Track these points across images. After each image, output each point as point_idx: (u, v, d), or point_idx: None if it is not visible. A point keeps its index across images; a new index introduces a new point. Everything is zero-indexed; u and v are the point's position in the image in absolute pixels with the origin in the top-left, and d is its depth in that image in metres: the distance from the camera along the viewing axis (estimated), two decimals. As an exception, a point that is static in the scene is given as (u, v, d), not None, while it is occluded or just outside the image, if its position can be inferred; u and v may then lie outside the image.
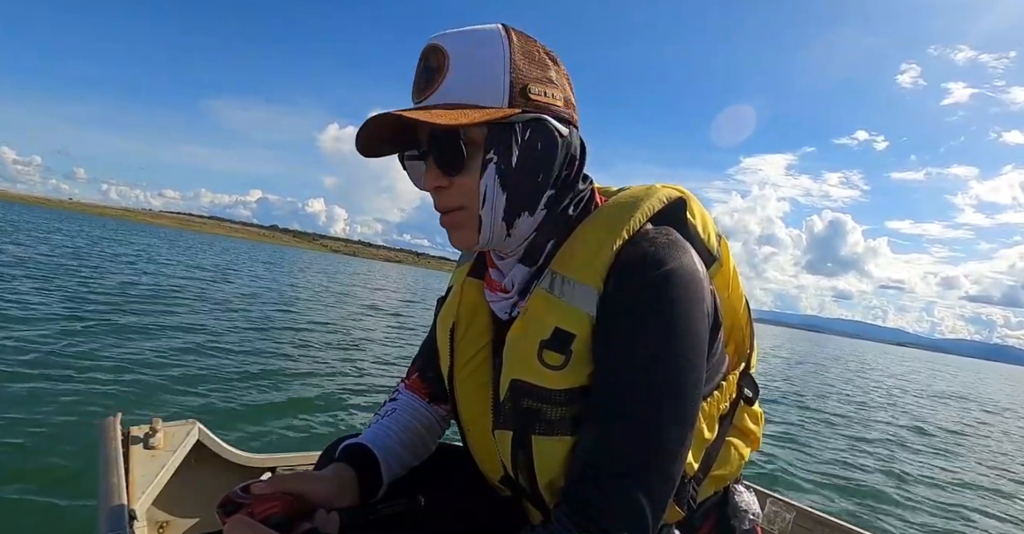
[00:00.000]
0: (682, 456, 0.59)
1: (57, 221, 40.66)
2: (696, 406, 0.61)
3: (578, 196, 0.69)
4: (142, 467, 1.19)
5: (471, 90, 0.60)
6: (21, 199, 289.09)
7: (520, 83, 0.61)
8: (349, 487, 0.71)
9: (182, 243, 39.94)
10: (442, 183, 0.63)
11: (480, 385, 0.73)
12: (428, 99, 0.61)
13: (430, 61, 0.61)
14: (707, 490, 0.74)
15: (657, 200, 0.67)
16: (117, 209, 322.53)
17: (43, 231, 23.49)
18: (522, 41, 0.63)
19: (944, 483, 5.02)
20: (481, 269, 0.77)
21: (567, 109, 0.65)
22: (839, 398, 10.00)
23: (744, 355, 0.78)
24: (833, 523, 1.37)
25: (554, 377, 0.61)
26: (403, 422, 0.82)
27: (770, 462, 4.61)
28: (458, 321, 0.76)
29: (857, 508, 3.85)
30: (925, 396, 13.55)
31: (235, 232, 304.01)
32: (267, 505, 0.62)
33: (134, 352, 4.65)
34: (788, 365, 16.34)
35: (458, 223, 0.65)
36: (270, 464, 1.41)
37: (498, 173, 0.61)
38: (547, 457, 0.64)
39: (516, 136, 0.61)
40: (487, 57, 0.60)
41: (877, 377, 17.84)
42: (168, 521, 1.29)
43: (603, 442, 0.58)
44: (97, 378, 3.77)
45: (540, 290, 0.64)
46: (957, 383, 19.86)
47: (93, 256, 14.09)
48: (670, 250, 0.60)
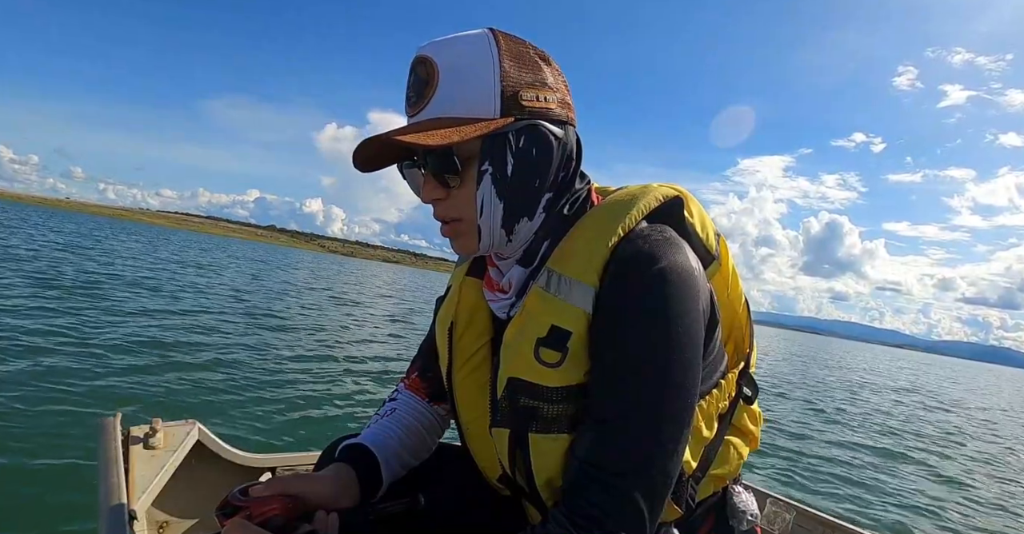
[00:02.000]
0: (679, 454, 0.59)
1: (57, 220, 40.57)
2: (692, 404, 0.61)
3: (574, 195, 0.69)
4: (142, 467, 1.19)
5: (462, 102, 0.60)
6: (18, 198, 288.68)
7: (511, 89, 0.60)
8: (349, 487, 0.71)
9: (183, 243, 39.94)
10: (439, 195, 0.63)
11: (479, 384, 0.73)
12: (419, 114, 0.61)
13: (419, 73, 0.61)
14: (706, 489, 0.74)
15: (653, 198, 0.67)
16: (115, 208, 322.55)
17: (45, 230, 23.47)
18: (511, 45, 0.62)
19: (943, 483, 5.03)
20: (480, 268, 0.77)
21: (561, 110, 0.65)
22: (839, 399, 10.01)
23: (743, 354, 0.77)
24: (833, 523, 1.37)
25: (551, 375, 0.62)
26: (403, 422, 0.83)
27: (770, 462, 4.61)
28: (457, 320, 0.76)
29: (857, 508, 3.85)
30: (922, 397, 13.55)
31: (232, 232, 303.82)
32: (266, 507, 0.62)
33: (134, 352, 4.65)
34: (787, 366, 16.35)
35: (458, 233, 0.65)
36: (270, 464, 1.41)
37: (494, 183, 0.61)
38: (544, 455, 0.65)
39: (510, 145, 0.61)
40: (476, 66, 0.60)
41: (876, 379, 17.84)
42: (168, 521, 1.29)
43: (600, 441, 0.58)
44: (97, 378, 3.77)
45: (537, 288, 0.64)
46: (960, 388, 19.84)
47: (93, 257, 14.07)
48: (665, 247, 0.60)
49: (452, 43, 0.61)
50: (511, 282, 0.69)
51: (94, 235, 28.56)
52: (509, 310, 0.69)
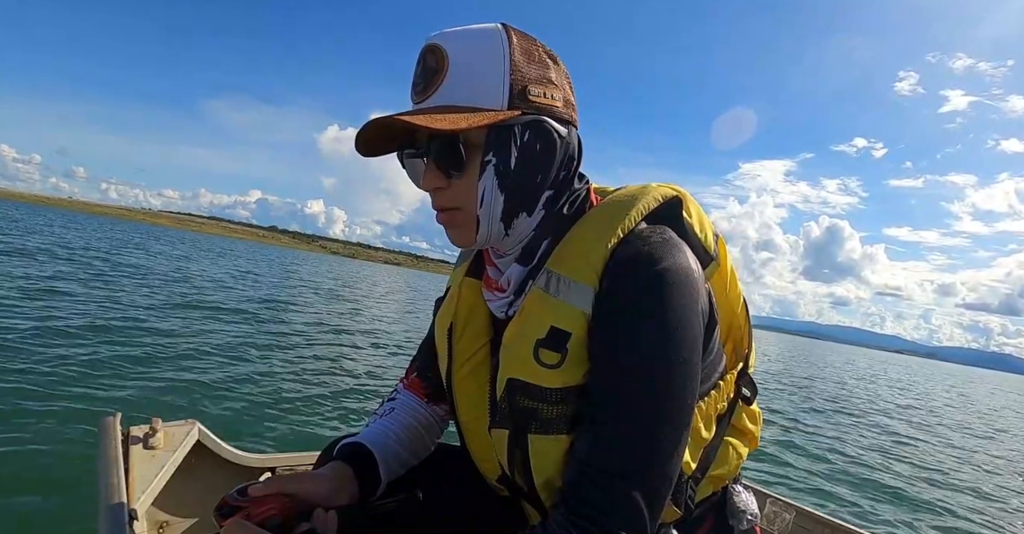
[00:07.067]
0: (678, 455, 0.59)
1: (60, 220, 40.64)
2: (692, 405, 0.61)
3: (573, 195, 0.69)
4: (142, 467, 1.19)
5: (470, 92, 0.60)
6: (21, 197, 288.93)
7: (520, 84, 0.61)
8: (347, 485, 0.71)
9: (185, 243, 39.98)
10: (440, 184, 0.63)
11: (479, 384, 0.73)
12: (427, 101, 0.61)
13: (429, 62, 0.61)
14: (705, 490, 0.74)
15: (652, 199, 0.67)
16: (117, 208, 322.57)
17: (47, 230, 23.49)
18: (522, 41, 0.62)
19: (943, 483, 5.02)
20: (479, 269, 0.77)
21: (566, 109, 0.65)
22: (839, 401, 10.00)
23: (742, 355, 0.77)
24: (833, 523, 1.37)
25: (550, 375, 0.62)
26: (402, 421, 0.83)
27: (770, 462, 4.61)
28: (456, 321, 0.76)
29: (857, 508, 3.85)
30: (921, 401, 13.52)
31: (234, 233, 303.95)
32: (264, 507, 0.62)
33: (134, 352, 4.65)
34: (787, 368, 16.32)
35: (455, 222, 0.65)
36: (270, 464, 1.41)
37: (496, 175, 0.62)
38: (543, 456, 0.65)
39: (515, 138, 0.61)
40: (487, 58, 0.60)
41: (875, 382, 17.81)
42: (168, 521, 1.29)
43: (599, 442, 0.58)
44: (97, 378, 3.77)
45: (536, 289, 0.64)
46: (966, 399, 19.83)
47: (94, 256, 14.09)
48: (664, 248, 0.60)
49: (464, 34, 0.61)
50: (510, 280, 0.69)
51: (99, 236, 28.59)
52: (508, 309, 0.69)
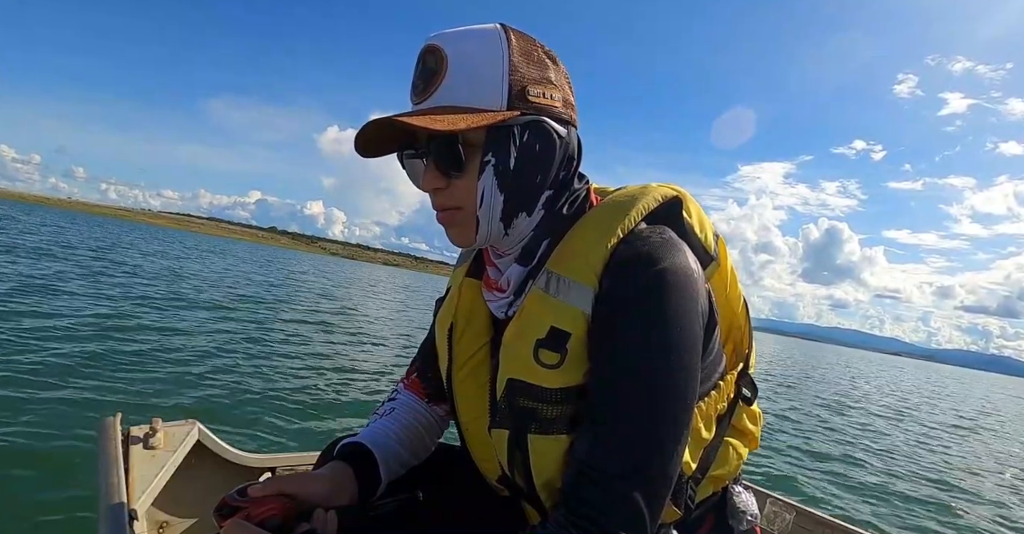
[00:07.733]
0: (679, 456, 0.59)
1: (60, 220, 40.58)
2: (692, 405, 0.61)
3: (573, 195, 0.69)
4: (142, 467, 1.19)
5: (470, 92, 0.60)
6: (20, 197, 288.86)
7: (519, 84, 0.61)
8: (347, 485, 0.71)
9: (185, 244, 39.98)
10: (440, 184, 0.63)
11: (479, 385, 0.73)
12: (426, 101, 0.61)
13: (428, 62, 0.61)
14: (705, 490, 0.74)
15: (652, 199, 0.67)
16: (117, 208, 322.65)
17: (46, 230, 23.48)
18: (521, 41, 0.62)
19: (942, 484, 5.02)
20: (479, 269, 0.77)
21: (565, 109, 0.65)
22: (838, 402, 10.00)
23: (742, 355, 0.77)
24: (833, 523, 1.37)
25: (550, 376, 0.62)
26: (402, 421, 0.83)
27: (769, 462, 4.61)
28: (456, 321, 0.76)
29: (857, 509, 3.85)
30: (922, 399, 13.53)
31: (233, 233, 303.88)
32: (264, 508, 0.62)
33: (134, 352, 4.65)
34: (787, 370, 16.32)
35: (455, 221, 0.65)
36: (270, 464, 1.41)
37: (496, 175, 0.62)
38: (543, 456, 0.65)
39: (514, 138, 0.61)
40: (486, 58, 0.60)
41: (875, 383, 17.81)
42: (168, 521, 1.29)
43: (599, 443, 0.58)
44: (97, 378, 3.77)
45: (536, 289, 0.64)
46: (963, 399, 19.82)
47: (95, 257, 14.08)
48: (664, 249, 0.60)
49: (463, 35, 0.61)
50: (509, 280, 0.69)
51: (100, 236, 28.57)
52: (507, 309, 0.69)
